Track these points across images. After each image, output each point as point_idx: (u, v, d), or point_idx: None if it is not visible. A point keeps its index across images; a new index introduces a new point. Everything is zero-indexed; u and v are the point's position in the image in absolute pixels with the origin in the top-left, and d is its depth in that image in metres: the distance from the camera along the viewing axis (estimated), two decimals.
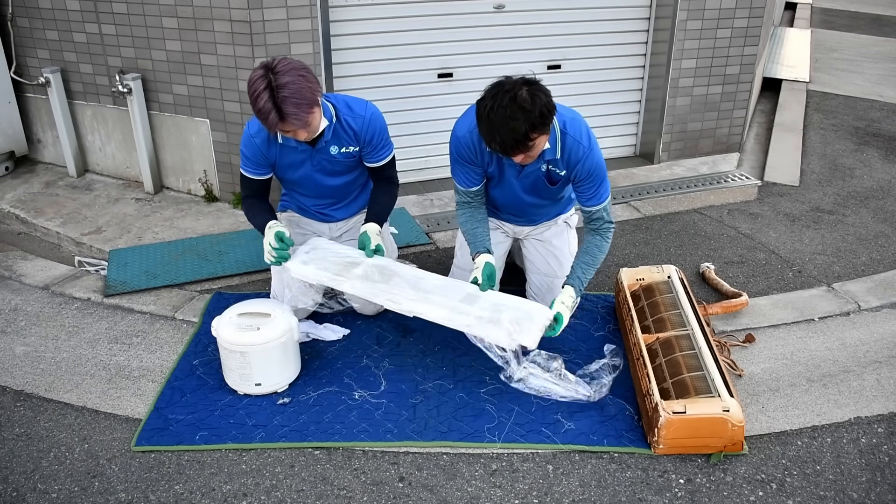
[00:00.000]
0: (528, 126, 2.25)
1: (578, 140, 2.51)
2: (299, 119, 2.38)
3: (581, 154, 2.52)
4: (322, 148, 2.65)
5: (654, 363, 2.50)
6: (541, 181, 2.65)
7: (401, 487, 2.19)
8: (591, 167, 2.54)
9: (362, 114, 2.66)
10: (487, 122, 2.28)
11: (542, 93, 2.28)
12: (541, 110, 2.26)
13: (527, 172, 2.61)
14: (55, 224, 3.77)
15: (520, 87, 2.25)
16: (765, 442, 2.37)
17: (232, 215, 3.84)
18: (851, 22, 10.39)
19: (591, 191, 2.60)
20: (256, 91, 2.34)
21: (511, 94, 2.23)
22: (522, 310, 2.51)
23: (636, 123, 4.66)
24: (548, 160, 2.55)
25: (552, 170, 2.59)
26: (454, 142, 2.61)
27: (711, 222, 3.95)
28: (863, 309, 3.12)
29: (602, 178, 2.59)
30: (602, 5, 4.26)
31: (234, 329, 2.46)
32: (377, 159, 2.76)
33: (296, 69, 2.36)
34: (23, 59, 4.25)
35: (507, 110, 2.23)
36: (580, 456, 2.31)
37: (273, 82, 2.32)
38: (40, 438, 2.37)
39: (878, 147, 5.15)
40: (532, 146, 2.33)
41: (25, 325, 2.96)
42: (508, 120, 2.24)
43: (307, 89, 2.36)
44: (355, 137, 2.68)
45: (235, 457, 2.29)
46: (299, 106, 2.35)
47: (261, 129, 2.60)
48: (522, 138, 2.27)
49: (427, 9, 3.94)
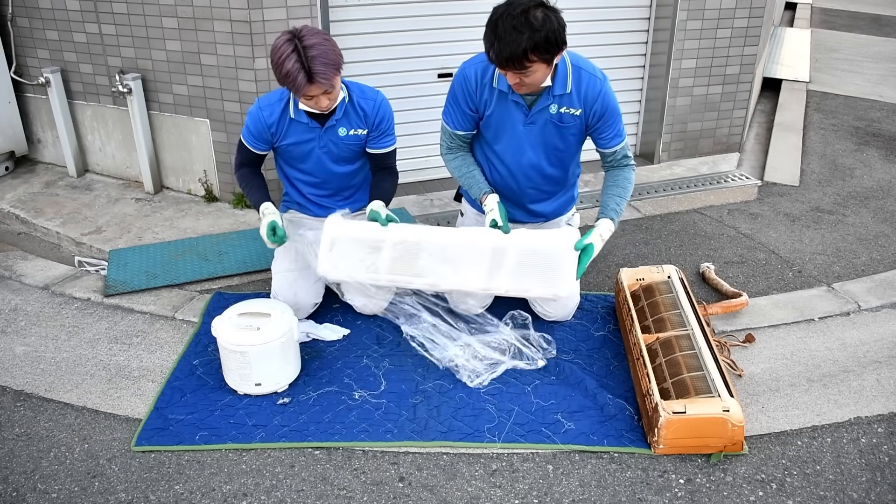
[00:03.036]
0: (531, 44, 2.23)
1: (593, 73, 2.49)
2: (326, 79, 2.45)
3: (598, 87, 2.49)
4: (331, 127, 2.69)
5: (654, 363, 2.50)
6: (551, 127, 2.57)
7: (401, 487, 2.19)
8: (610, 100, 2.52)
9: (373, 97, 2.74)
10: (493, 28, 2.27)
11: (555, 19, 2.26)
12: (548, 34, 2.23)
13: (534, 116, 2.54)
14: (55, 224, 3.77)
15: (537, 7, 2.24)
16: (765, 442, 2.37)
17: (232, 215, 3.84)
18: (851, 22, 10.39)
19: (613, 128, 2.56)
20: (283, 55, 2.39)
21: (524, 7, 2.23)
22: (550, 255, 2.53)
23: (636, 123, 4.66)
24: (558, 95, 2.50)
25: (564, 112, 2.53)
26: (458, 75, 2.59)
27: (711, 222, 3.95)
28: (863, 309, 3.12)
29: (619, 113, 2.57)
30: (602, 5, 4.26)
31: (234, 329, 2.47)
32: (382, 145, 2.80)
33: (320, 33, 2.46)
34: (23, 59, 4.26)
35: (515, 20, 2.21)
36: (580, 456, 2.31)
37: (300, 44, 2.39)
38: (40, 438, 2.37)
39: (878, 147, 5.15)
40: (528, 68, 2.30)
41: (25, 325, 2.96)
42: (513, 31, 2.22)
43: (332, 51, 2.46)
44: (365, 119, 2.73)
45: (235, 457, 2.29)
46: (327, 66, 2.43)
47: (270, 105, 2.67)
48: (521, 54, 2.25)
49: (427, 9, 3.94)
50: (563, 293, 2.54)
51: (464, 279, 2.59)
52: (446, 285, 2.62)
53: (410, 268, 2.62)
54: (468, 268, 2.59)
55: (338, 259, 2.65)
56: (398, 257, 2.63)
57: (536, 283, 2.55)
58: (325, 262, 2.65)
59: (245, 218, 3.80)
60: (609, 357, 2.76)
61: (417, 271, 2.62)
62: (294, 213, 2.98)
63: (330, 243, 2.67)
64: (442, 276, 2.61)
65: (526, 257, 2.56)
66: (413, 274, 2.62)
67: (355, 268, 2.63)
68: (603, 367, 2.69)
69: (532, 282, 2.55)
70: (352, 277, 2.65)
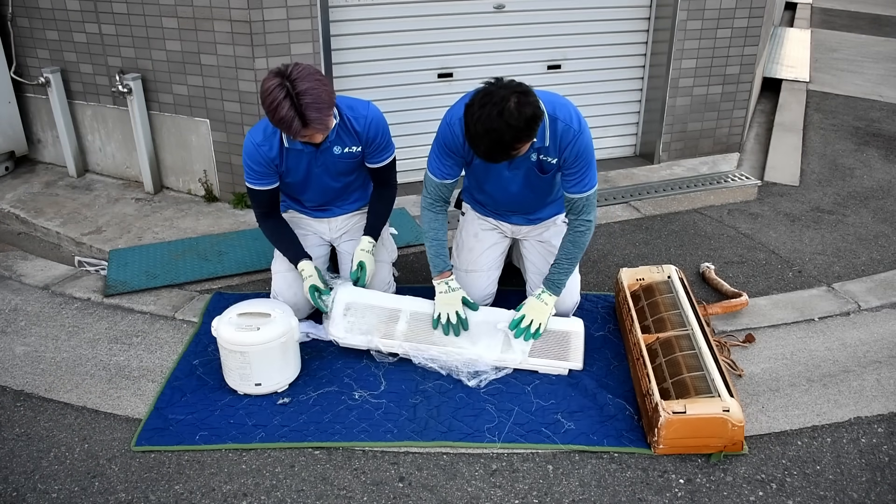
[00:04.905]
0: (513, 138, 2.29)
1: (569, 123, 2.51)
2: (321, 123, 2.42)
3: (571, 136, 2.52)
4: (326, 149, 2.65)
5: (654, 363, 2.50)
6: (532, 172, 2.64)
7: (401, 487, 2.19)
8: (580, 148, 2.53)
9: (364, 114, 2.67)
10: (473, 132, 2.30)
11: (529, 105, 2.28)
12: (527, 122, 2.28)
13: (517, 164, 2.61)
14: (55, 224, 3.77)
15: (508, 100, 2.25)
16: (765, 442, 2.37)
17: (232, 215, 3.84)
18: (851, 22, 10.39)
19: (577, 175, 2.58)
20: (276, 101, 2.33)
21: (499, 107, 2.24)
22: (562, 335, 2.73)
23: (636, 123, 4.66)
24: (537, 148, 2.54)
25: (543, 159, 2.58)
26: (445, 127, 2.60)
27: (711, 222, 3.95)
28: (863, 309, 3.12)
29: (589, 164, 2.58)
30: (602, 5, 4.26)
31: (234, 329, 2.46)
32: (379, 160, 2.78)
33: (311, 74, 2.38)
34: (23, 59, 4.26)
35: (492, 122, 2.24)
36: (580, 456, 2.31)
37: (292, 90, 2.33)
38: (40, 438, 2.37)
39: (878, 147, 5.15)
40: (516, 154, 2.38)
41: (25, 325, 2.96)
42: (493, 132, 2.26)
43: (324, 92, 2.39)
44: (358, 137, 2.69)
45: (235, 457, 2.29)
46: (321, 110, 2.38)
47: (266, 139, 2.61)
48: (507, 148, 2.32)
49: (427, 9, 3.94)
50: (575, 367, 2.66)
51: (481, 352, 2.65)
52: (465, 355, 2.65)
53: (427, 336, 2.69)
54: (486, 341, 2.68)
55: (352, 325, 2.68)
56: (415, 327, 2.71)
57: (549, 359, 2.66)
58: (339, 326, 2.67)
59: (245, 218, 3.80)
60: (609, 357, 2.76)
61: (434, 340, 2.68)
62: (294, 213, 2.99)
63: (344, 308, 2.71)
64: (460, 346, 2.66)
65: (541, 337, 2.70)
66: (430, 342, 2.67)
67: (371, 334, 2.67)
68: (603, 367, 2.69)
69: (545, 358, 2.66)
70: (367, 343, 2.67)
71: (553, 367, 2.64)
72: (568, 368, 2.64)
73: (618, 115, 4.59)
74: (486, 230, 2.96)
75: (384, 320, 2.71)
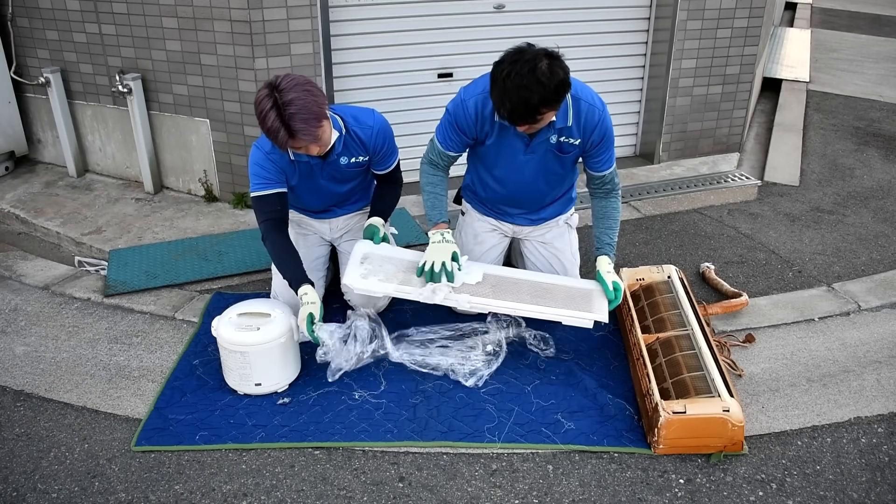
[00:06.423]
0: (541, 100, 2.24)
1: (592, 104, 2.51)
2: (308, 134, 2.38)
3: (597, 117, 2.52)
4: (333, 160, 2.66)
5: (654, 363, 2.50)
6: (549, 156, 2.61)
7: (401, 487, 2.19)
8: (606, 129, 2.55)
9: (370, 124, 2.67)
10: (501, 87, 2.27)
11: (560, 68, 2.26)
12: (557, 86, 2.25)
13: (535, 146, 2.57)
14: (55, 224, 3.77)
15: (540, 59, 2.23)
16: (765, 442, 2.37)
17: (232, 215, 3.84)
18: (851, 22, 10.39)
19: (605, 155, 2.60)
20: (263, 111, 2.33)
21: (531, 64, 2.22)
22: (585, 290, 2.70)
23: (636, 123, 4.66)
24: (559, 128, 2.52)
25: (564, 141, 2.56)
26: (458, 104, 2.57)
27: (711, 222, 3.95)
28: (863, 309, 3.12)
29: (613, 140, 2.61)
30: (602, 5, 4.26)
31: (234, 329, 2.46)
32: (385, 167, 2.81)
33: (300, 85, 2.36)
34: (23, 59, 4.26)
35: (523, 79, 2.21)
36: (580, 456, 2.31)
37: (279, 100, 2.32)
38: (40, 438, 2.37)
39: (878, 147, 5.15)
40: (539, 120, 2.34)
41: (25, 325, 2.96)
42: (522, 89, 2.22)
43: (313, 103, 2.36)
44: (364, 148, 2.69)
45: (235, 457, 2.29)
46: (307, 121, 2.35)
47: (274, 148, 2.58)
48: (532, 110, 2.27)
49: (427, 9, 3.94)
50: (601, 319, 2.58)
51: (504, 300, 2.60)
52: (493, 305, 2.59)
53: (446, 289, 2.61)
54: (510, 293, 2.65)
55: (368, 272, 2.66)
56: None
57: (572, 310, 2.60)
58: (353, 273, 2.64)
59: (245, 218, 3.80)
60: (609, 357, 2.76)
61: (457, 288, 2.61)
62: (294, 212, 2.99)
63: (362, 256, 2.71)
64: (483, 292, 2.62)
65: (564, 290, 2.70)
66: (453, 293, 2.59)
67: (389, 285, 2.62)
68: (603, 367, 2.69)
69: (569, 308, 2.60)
70: (384, 293, 2.63)
71: (577, 319, 2.57)
72: (592, 320, 2.57)
73: (618, 115, 4.56)
74: (486, 232, 2.95)
75: (402, 269, 2.67)
